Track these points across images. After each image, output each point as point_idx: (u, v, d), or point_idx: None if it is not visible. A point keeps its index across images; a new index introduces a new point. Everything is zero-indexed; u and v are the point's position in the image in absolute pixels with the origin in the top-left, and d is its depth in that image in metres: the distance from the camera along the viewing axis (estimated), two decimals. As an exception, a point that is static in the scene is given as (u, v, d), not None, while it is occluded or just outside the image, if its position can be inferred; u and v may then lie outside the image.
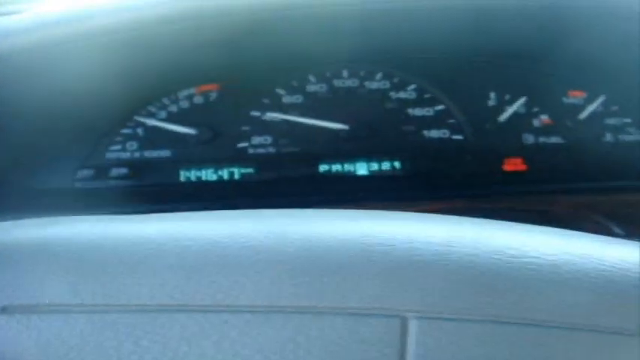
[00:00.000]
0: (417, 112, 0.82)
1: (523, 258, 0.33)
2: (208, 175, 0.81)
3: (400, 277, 0.32)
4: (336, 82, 0.83)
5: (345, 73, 0.84)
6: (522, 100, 0.82)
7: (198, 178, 0.81)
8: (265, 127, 0.82)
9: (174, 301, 0.33)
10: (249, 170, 0.81)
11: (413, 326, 0.31)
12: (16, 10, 0.75)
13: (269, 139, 0.81)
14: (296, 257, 0.33)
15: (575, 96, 0.82)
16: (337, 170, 0.81)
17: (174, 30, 0.77)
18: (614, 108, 0.82)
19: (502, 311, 0.32)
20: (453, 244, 0.34)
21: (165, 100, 0.83)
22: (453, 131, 0.81)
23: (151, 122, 0.82)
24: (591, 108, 0.81)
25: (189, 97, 0.83)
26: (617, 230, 0.75)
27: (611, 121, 0.81)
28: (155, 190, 0.81)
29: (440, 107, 0.82)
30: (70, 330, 0.33)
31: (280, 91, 0.83)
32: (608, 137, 0.81)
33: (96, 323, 0.33)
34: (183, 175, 0.81)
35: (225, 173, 0.81)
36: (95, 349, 0.32)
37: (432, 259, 0.33)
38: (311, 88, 0.83)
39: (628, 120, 0.81)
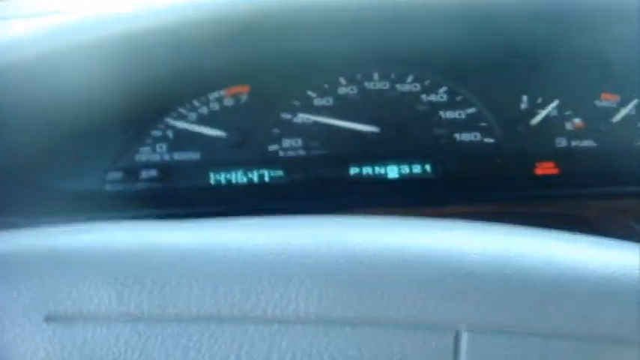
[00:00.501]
0: (449, 114, 0.81)
1: (578, 270, 0.33)
2: (238, 177, 0.80)
3: (453, 290, 0.32)
4: (367, 84, 0.83)
5: (375, 75, 0.83)
6: (555, 103, 0.81)
7: (228, 181, 0.80)
8: (296, 130, 0.81)
9: (224, 312, 0.32)
10: (280, 173, 0.80)
11: (466, 340, 0.31)
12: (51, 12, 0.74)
13: (299, 142, 0.81)
14: (347, 269, 0.33)
15: (608, 99, 0.82)
16: (368, 173, 0.80)
17: (205, 32, 0.76)
18: (648, 111, 0.81)
19: (556, 325, 0.31)
20: (506, 255, 0.34)
21: (196, 102, 0.82)
22: (485, 134, 0.81)
23: (181, 124, 0.81)
24: (624, 111, 0.80)
25: (220, 99, 0.82)
26: (650, 235, 0.75)
27: (644, 124, 0.81)
28: (185, 193, 0.80)
29: (471, 110, 0.81)
30: (115, 340, 0.32)
31: (311, 93, 0.82)
32: (641, 141, 0.80)
33: (142, 333, 0.32)
34: (213, 178, 0.80)
35: (255, 176, 0.80)
36: (141, 359, 0.32)
37: (485, 272, 0.33)
38: (342, 90, 0.83)
39: (661, 124, 0.81)
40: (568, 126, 0.81)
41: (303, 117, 0.81)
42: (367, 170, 0.80)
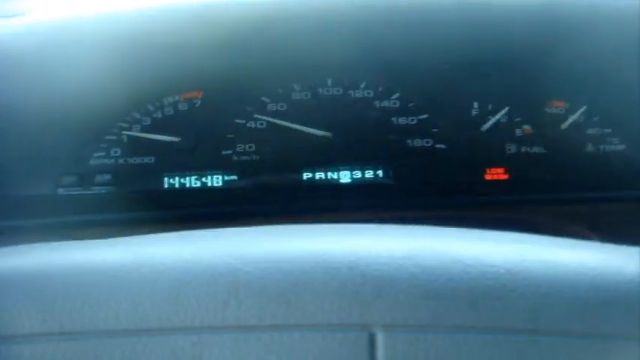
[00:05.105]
0: (401, 120, 0.83)
1: (482, 267, 0.34)
2: (192, 181, 0.81)
3: (365, 292, 0.33)
4: (321, 91, 0.84)
5: (329, 82, 0.84)
6: (505, 110, 0.82)
7: (182, 185, 0.81)
8: (249, 135, 0.82)
9: (151, 325, 0.33)
10: (233, 177, 0.81)
11: (380, 339, 0.32)
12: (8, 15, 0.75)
13: (253, 147, 0.82)
14: (260, 277, 0.33)
15: (557, 106, 0.83)
16: (320, 178, 0.81)
17: (161, 38, 0.77)
18: (596, 118, 0.82)
19: (467, 320, 0.32)
20: (415, 256, 0.34)
21: (150, 107, 0.83)
22: (436, 140, 0.82)
23: (135, 129, 0.82)
24: (573, 118, 0.82)
25: (174, 104, 0.83)
26: (597, 240, 0.75)
27: (592, 131, 0.82)
28: (139, 197, 0.80)
29: (423, 116, 0.82)
30: (41, 359, 0.33)
31: (265, 99, 0.83)
32: (589, 147, 0.81)
33: (68, 350, 0.33)
34: (167, 182, 0.81)
35: (208, 180, 0.81)
36: None
37: (396, 273, 0.33)
38: (295, 95, 0.84)
39: (608, 130, 0.82)
40: (518, 132, 0.82)
41: (256, 122, 0.82)
42: (320, 175, 0.81)
